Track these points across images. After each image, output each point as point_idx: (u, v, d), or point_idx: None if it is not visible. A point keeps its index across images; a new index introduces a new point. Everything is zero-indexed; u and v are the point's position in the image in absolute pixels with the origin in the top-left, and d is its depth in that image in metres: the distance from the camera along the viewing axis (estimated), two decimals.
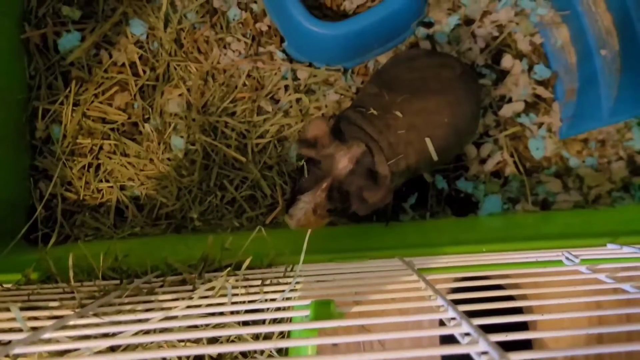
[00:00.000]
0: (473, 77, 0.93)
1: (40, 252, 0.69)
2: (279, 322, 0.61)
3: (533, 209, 1.00)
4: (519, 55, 1.06)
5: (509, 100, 1.05)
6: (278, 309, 0.50)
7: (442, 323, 0.42)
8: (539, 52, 1.07)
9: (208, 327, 0.47)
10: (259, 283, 0.57)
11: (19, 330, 0.42)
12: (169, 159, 1.02)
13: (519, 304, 0.44)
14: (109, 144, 1.03)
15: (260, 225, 0.69)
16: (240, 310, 0.54)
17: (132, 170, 1.01)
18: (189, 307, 0.50)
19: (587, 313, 0.43)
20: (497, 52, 1.06)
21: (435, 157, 0.81)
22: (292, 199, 0.77)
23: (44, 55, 1.03)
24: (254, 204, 1.00)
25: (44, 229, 1.00)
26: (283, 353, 0.62)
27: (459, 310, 0.40)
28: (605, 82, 0.95)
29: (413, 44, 1.06)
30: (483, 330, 0.35)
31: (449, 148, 0.85)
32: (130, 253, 0.70)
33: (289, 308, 0.52)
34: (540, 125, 1.04)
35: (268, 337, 0.63)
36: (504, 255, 0.66)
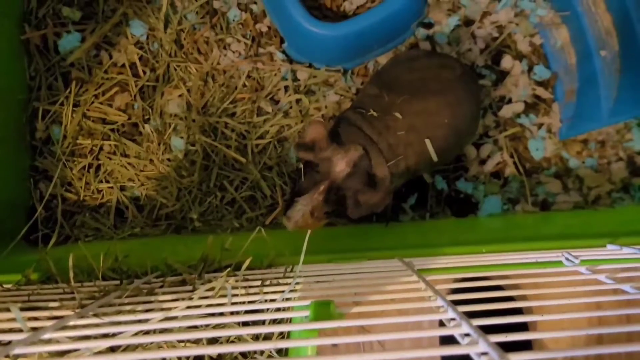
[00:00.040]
0: (473, 77, 0.93)
1: (41, 252, 0.70)
2: (279, 322, 0.61)
3: (533, 210, 1.00)
4: (519, 56, 1.06)
5: (509, 101, 1.05)
6: (278, 310, 0.50)
7: (441, 324, 0.42)
8: (539, 52, 1.07)
9: (208, 327, 0.47)
10: (259, 284, 0.57)
11: (19, 331, 0.42)
12: (169, 160, 1.02)
13: (519, 305, 0.44)
14: (109, 145, 1.03)
15: (260, 226, 0.69)
16: (240, 311, 0.54)
17: (132, 171, 1.01)
18: (189, 307, 0.50)
19: (587, 314, 0.43)
20: (496, 52, 1.06)
21: (435, 158, 0.81)
22: (290, 201, 0.77)
23: (44, 56, 1.04)
24: (254, 205, 1.00)
25: (44, 230, 1.00)
26: (283, 353, 0.63)
27: (459, 311, 0.40)
28: (605, 82, 0.95)
29: (413, 45, 1.06)
30: (483, 331, 0.35)
31: (449, 149, 0.85)
32: (130, 253, 0.70)
33: (289, 308, 0.52)
34: (540, 126, 1.05)
35: (268, 337, 0.63)
36: (504, 256, 0.66)
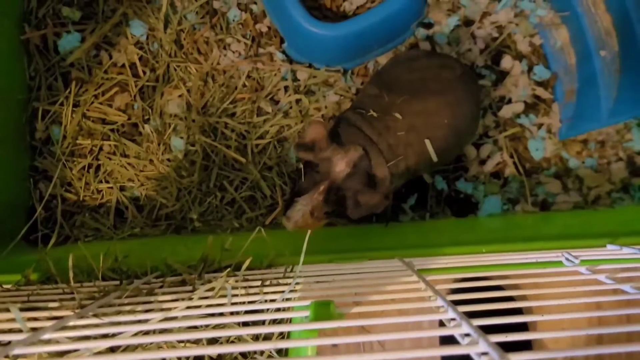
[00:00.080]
0: (473, 78, 0.93)
1: (40, 252, 0.70)
2: (279, 322, 0.61)
3: (533, 210, 1.00)
4: (519, 56, 1.06)
5: (509, 101, 1.05)
6: (278, 310, 0.50)
7: (441, 324, 0.42)
8: (539, 53, 1.07)
9: (208, 327, 0.47)
10: (259, 284, 0.57)
11: (19, 331, 0.42)
12: (169, 160, 1.02)
13: (519, 305, 0.44)
14: (109, 145, 1.03)
15: (260, 226, 0.69)
16: (240, 311, 0.54)
17: (132, 171, 1.01)
18: (189, 307, 0.50)
19: (587, 314, 0.43)
20: (496, 53, 1.06)
21: (435, 158, 0.81)
22: (290, 201, 0.77)
23: (44, 56, 1.03)
24: (254, 205, 1.00)
25: (44, 230, 1.00)
26: (283, 354, 0.63)
27: (459, 311, 0.40)
28: (605, 83, 0.95)
29: (413, 45, 1.06)
30: (482, 331, 0.35)
31: (449, 149, 0.85)
32: (130, 254, 0.70)
33: (289, 309, 0.52)
34: (540, 126, 1.05)
35: (268, 337, 0.63)
36: (504, 256, 0.66)
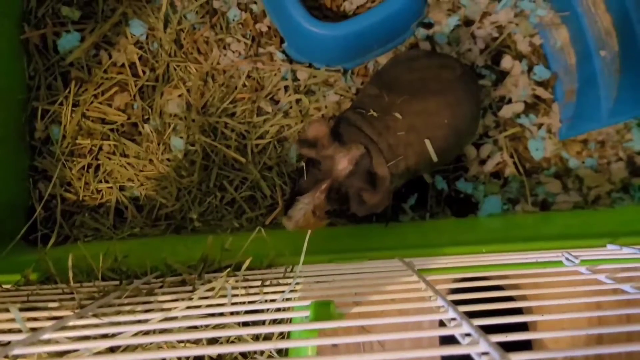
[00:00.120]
0: (473, 78, 0.93)
1: (40, 252, 0.70)
2: (279, 322, 0.61)
3: (533, 210, 1.00)
4: (519, 56, 1.06)
5: (509, 101, 1.05)
6: (278, 310, 0.50)
7: (441, 324, 0.42)
8: (539, 53, 1.07)
9: (208, 327, 0.47)
10: (259, 284, 0.57)
11: (18, 331, 0.42)
12: (169, 160, 1.02)
13: (519, 305, 0.44)
14: (109, 145, 1.03)
15: (260, 226, 0.69)
16: (240, 311, 0.54)
17: (131, 171, 1.01)
18: (189, 307, 0.50)
19: (587, 314, 0.43)
20: (496, 53, 1.06)
21: (435, 158, 0.81)
22: (290, 200, 0.77)
23: (44, 56, 1.03)
24: (254, 205, 1.00)
25: (44, 230, 1.00)
26: (283, 354, 0.62)
27: (460, 311, 0.40)
28: (605, 83, 0.95)
29: (413, 45, 1.06)
30: (483, 331, 0.35)
31: (449, 149, 0.85)
32: (130, 254, 0.70)
33: (289, 309, 0.51)
34: (540, 126, 1.05)
35: (268, 337, 0.63)
36: (504, 256, 0.66)
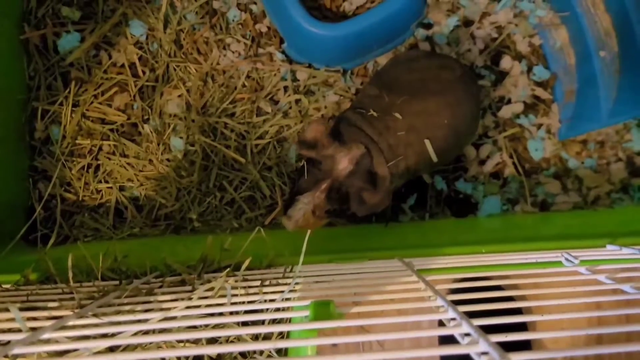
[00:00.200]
0: (472, 78, 0.93)
1: (40, 252, 0.70)
2: (279, 322, 0.61)
3: (532, 210, 1.00)
4: (518, 57, 1.06)
5: (508, 102, 1.05)
6: (277, 310, 0.50)
7: (441, 324, 0.42)
8: (538, 53, 1.07)
9: (207, 327, 0.47)
10: (259, 284, 0.57)
11: (18, 331, 0.42)
12: (168, 160, 1.02)
13: (519, 305, 0.44)
14: (109, 145, 1.03)
15: (260, 226, 0.69)
16: (240, 311, 0.54)
17: (131, 171, 1.01)
18: (188, 307, 0.50)
19: (586, 314, 0.43)
20: (496, 53, 1.06)
21: (435, 158, 0.81)
22: (290, 200, 0.77)
23: (44, 56, 1.03)
24: (253, 205, 1.00)
25: (43, 230, 1.00)
26: (282, 353, 0.62)
27: (459, 311, 0.40)
28: (604, 83, 0.95)
29: (412, 45, 1.06)
30: (482, 331, 0.35)
31: (449, 149, 0.85)
32: (130, 254, 0.70)
33: (289, 309, 0.51)
34: (540, 127, 1.05)
35: (267, 337, 0.63)
36: (504, 256, 0.66)
